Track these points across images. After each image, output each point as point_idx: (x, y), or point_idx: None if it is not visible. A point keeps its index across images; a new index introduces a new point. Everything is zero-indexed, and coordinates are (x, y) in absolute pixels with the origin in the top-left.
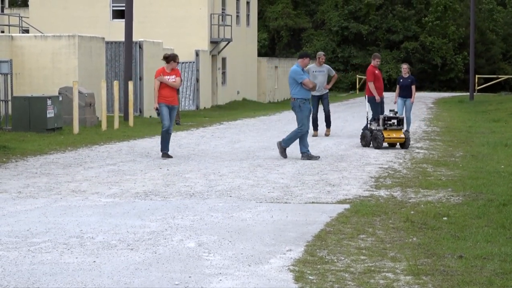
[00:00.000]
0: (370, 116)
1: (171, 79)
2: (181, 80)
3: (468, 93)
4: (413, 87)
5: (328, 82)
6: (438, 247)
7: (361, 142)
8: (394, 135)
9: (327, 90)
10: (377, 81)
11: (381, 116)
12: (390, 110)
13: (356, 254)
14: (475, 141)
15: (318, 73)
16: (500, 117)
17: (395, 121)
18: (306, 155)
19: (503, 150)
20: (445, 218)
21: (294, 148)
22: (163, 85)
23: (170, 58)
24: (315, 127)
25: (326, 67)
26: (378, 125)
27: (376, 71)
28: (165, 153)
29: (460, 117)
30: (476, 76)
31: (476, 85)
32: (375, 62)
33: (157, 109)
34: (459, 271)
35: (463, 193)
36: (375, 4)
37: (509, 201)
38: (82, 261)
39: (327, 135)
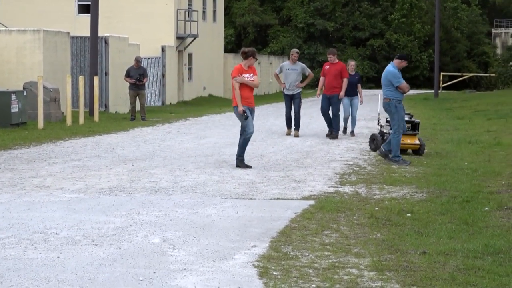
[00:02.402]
0: (381, 118)
1: (249, 77)
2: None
3: (433, 91)
4: (359, 86)
5: (302, 81)
6: (402, 243)
7: (369, 145)
8: (409, 141)
9: (299, 90)
10: (326, 78)
11: None
12: (406, 114)
13: (321, 250)
14: (439, 138)
15: (291, 71)
16: (464, 114)
17: (409, 125)
18: (383, 153)
19: (466, 147)
20: (409, 215)
21: (259, 145)
22: (241, 85)
23: (249, 54)
24: (289, 126)
25: (300, 65)
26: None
27: (327, 67)
28: (243, 161)
29: (424, 114)
30: (441, 73)
31: (441, 82)
32: (328, 57)
33: (244, 112)
34: (422, 267)
35: (427, 190)
36: (341, 1)
37: (472, 197)
38: (46, 257)
39: (296, 136)
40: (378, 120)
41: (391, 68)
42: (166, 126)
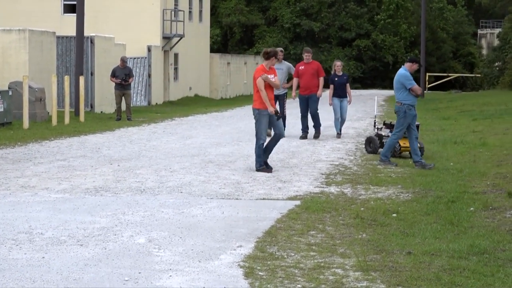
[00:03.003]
0: (378, 121)
1: (272, 78)
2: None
3: None
4: (348, 86)
5: (288, 81)
6: (387, 243)
7: (366, 148)
8: (404, 143)
9: (286, 90)
10: (301, 78)
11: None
12: None
13: (306, 250)
14: (425, 138)
15: (277, 70)
16: (450, 115)
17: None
18: (420, 164)
19: (452, 148)
20: (394, 215)
21: (245, 145)
22: (264, 86)
23: (272, 54)
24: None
25: (286, 64)
26: (391, 131)
27: (301, 67)
28: (264, 168)
29: None
30: (427, 74)
31: (427, 83)
32: (304, 56)
33: (277, 112)
34: (407, 267)
35: (412, 190)
36: (327, 1)
37: (457, 198)
38: (31, 257)
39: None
40: (375, 123)
41: (403, 71)
42: (152, 126)
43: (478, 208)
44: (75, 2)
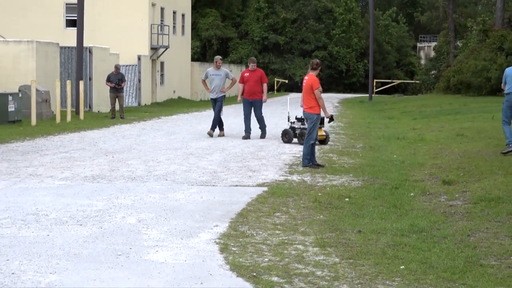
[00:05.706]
0: (291, 116)
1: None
2: None
3: (367, 95)
4: None
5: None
6: (341, 223)
7: (282, 138)
8: (319, 133)
9: (224, 94)
10: (246, 84)
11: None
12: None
13: (272, 229)
14: (373, 134)
15: (215, 76)
16: (394, 115)
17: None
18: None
19: (395, 143)
20: (347, 199)
21: (220, 140)
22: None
23: (320, 65)
24: (213, 127)
25: (223, 70)
26: (303, 124)
27: (246, 74)
28: (311, 165)
29: (360, 114)
30: (374, 80)
31: (374, 88)
32: (249, 65)
33: (332, 117)
34: (358, 243)
35: (362, 178)
36: (291, 19)
37: (400, 185)
38: (37, 235)
39: (221, 135)
40: (288, 118)
41: None
42: (142, 124)
43: (417, 194)
44: (76, 18)
